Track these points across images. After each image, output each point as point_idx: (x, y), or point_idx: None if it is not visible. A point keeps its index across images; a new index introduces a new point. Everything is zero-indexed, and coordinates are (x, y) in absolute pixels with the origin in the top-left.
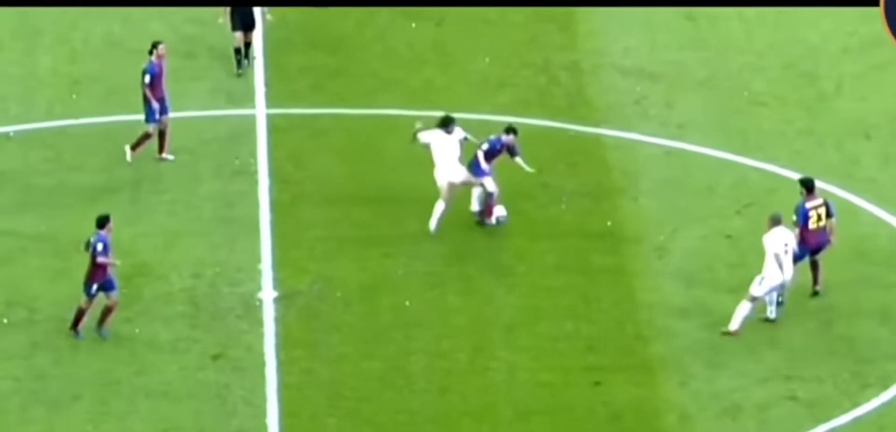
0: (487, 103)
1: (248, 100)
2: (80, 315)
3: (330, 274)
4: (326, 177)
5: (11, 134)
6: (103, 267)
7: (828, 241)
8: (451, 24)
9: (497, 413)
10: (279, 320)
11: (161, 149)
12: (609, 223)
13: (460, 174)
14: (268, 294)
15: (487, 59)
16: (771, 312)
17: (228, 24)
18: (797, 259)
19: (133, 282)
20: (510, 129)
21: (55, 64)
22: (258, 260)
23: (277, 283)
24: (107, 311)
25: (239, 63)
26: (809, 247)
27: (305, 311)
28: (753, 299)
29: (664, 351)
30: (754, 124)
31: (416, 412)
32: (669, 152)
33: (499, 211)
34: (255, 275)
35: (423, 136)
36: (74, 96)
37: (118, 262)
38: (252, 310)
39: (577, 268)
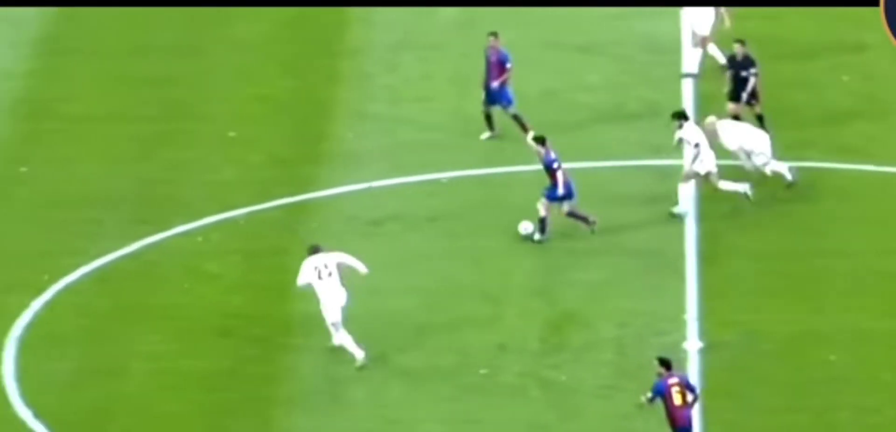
0: None
1: (675, 152)
2: None
3: (757, 327)
4: (755, 229)
5: (444, 180)
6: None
7: None
8: (880, 78)
9: None
10: (704, 371)
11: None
12: None
13: None
14: (693, 344)
15: None
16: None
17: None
18: None
19: (562, 329)
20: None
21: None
22: (683, 310)
23: (703, 334)
24: None
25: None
26: None
27: (731, 363)
28: None
29: None
30: None
31: None
32: None
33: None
34: (681, 325)
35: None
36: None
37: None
38: (677, 360)
39: None
